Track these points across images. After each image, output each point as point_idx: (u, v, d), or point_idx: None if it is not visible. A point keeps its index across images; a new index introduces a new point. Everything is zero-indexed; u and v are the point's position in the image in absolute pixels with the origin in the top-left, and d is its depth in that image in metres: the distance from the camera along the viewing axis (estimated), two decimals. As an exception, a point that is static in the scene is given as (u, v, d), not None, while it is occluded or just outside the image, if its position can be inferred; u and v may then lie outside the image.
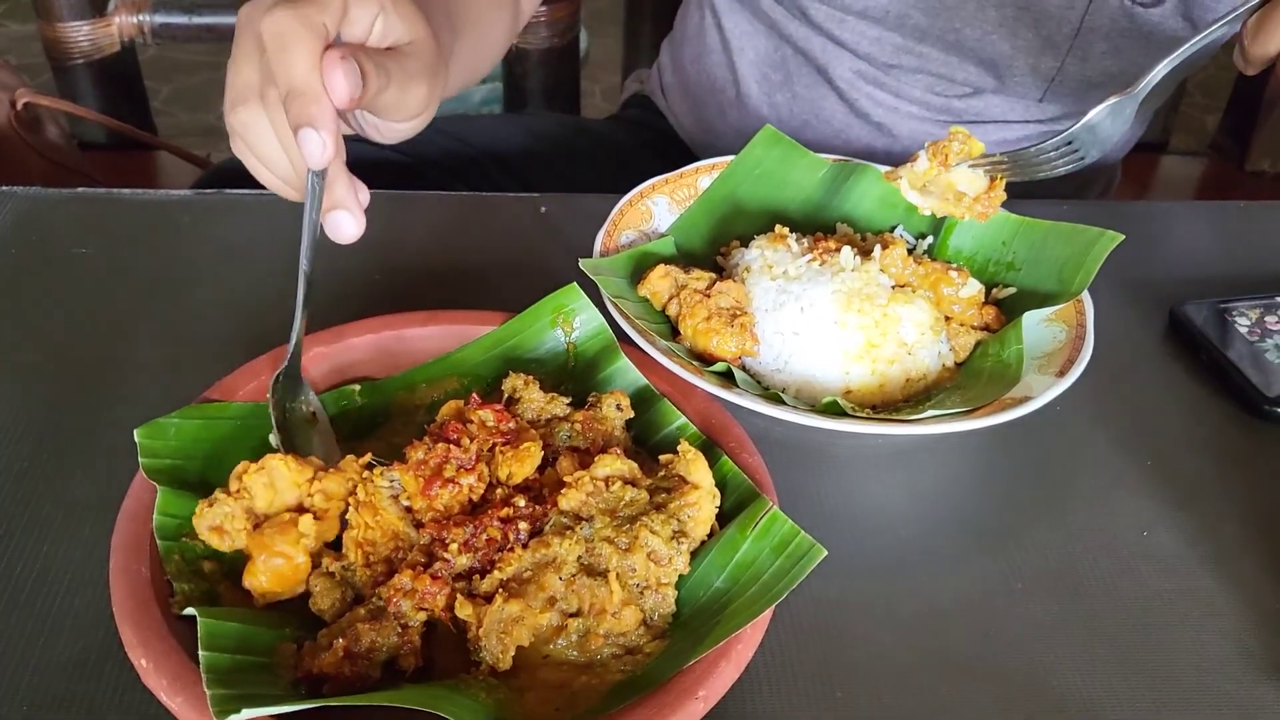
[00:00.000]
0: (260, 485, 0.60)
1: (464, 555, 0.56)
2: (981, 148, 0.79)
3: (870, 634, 0.64)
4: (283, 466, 0.60)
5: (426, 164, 1.20)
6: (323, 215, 0.64)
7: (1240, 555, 0.70)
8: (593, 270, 0.76)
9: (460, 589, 0.56)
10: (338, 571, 0.59)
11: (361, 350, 0.71)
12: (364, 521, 0.59)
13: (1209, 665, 0.63)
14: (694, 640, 0.56)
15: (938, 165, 0.78)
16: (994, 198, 0.78)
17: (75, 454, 0.71)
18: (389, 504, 0.59)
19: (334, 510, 0.60)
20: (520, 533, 0.58)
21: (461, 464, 0.59)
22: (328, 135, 0.60)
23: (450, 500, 0.59)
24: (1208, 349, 0.84)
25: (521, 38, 1.56)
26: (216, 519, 0.59)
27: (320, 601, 0.58)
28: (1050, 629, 0.65)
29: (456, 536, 0.56)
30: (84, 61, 1.56)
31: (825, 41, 1.11)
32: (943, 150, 0.78)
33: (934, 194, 0.78)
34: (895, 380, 0.75)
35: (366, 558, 0.59)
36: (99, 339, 0.81)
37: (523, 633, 0.55)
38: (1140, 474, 0.75)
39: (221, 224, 0.94)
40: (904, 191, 0.79)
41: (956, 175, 0.78)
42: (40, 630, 0.61)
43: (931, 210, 0.80)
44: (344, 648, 0.54)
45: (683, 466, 0.62)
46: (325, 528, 0.59)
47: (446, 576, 0.56)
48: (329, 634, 0.55)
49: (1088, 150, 0.74)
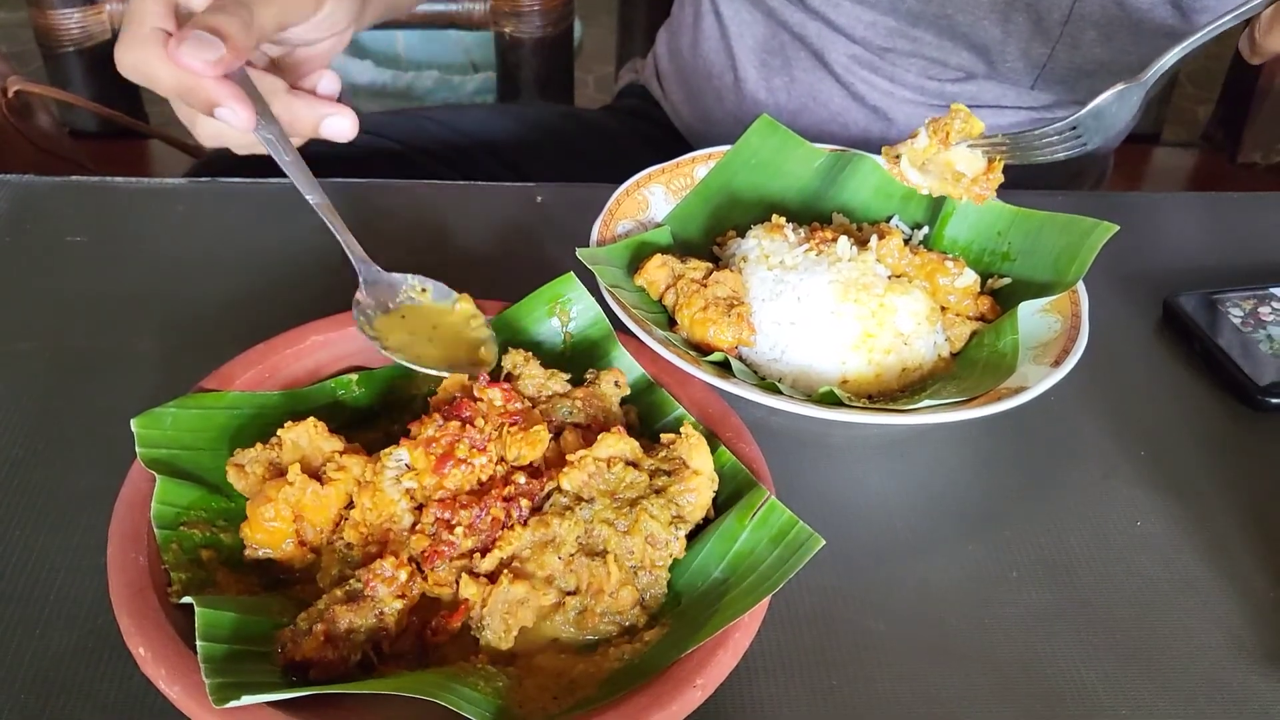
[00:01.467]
0: (290, 441, 0.62)
1: (469, 538, 0.57)
2: (981, 127, 0.79)
3: (865, 622, 0.64)
4: (316, 434, 0.62)
5: (419, 153, 1.20)
6: (317, 131, 0.70)
7: (1233, 545, 0.70)
8: (590, 260, 0.76)
9: (461, 567, 0.56)
10: (340, 550, 0.59)
11: (359, 339, 0.71)
12: (363, 502, 0.59)
13: (1202, 654, 0.63)
14: (692, 629, 0.56)
15: (938, 143, 0.78)
16: (992, 179, 0.78)
17: (71, 443, 0.71)
18: (389, 485, 0.59)
19: (343, 484, 0.60)
20: (521, 510, 0.58)
21: (475, 444, 0.59)
22: (236, 104, 0.63)
23: (462, 480, 0.59)
24: (1201, 339, 0.84)
25: (515, 27, 1.56)
26: (243, 458, 0.62)
27: (323, 578, 0.59)
28: (1045, 618, 0.65)
29: (463, 519, 0.57)
30: (75, 49, 1.55)
31: (821, 26, 1.11)
32: (944, 127, 0.78)
33: (932, 173, 0.78)
34: (891, 370, 0.75)
35: (363, 538, 0.59)
36: (94, 328, 0.80)
37: (527, 614, 0.55)
38: (1134, 464, 0.75)
39: (215, 212, 0.94)
40: (904, 168, 0.79)
41: (955, 155, 0.78)
42: (38, 619, 0.61)
43: (930, 190, 0.80)
44: (323, 632, 0.54)
45: (684, 449, 0.63)
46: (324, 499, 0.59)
47: (450, 556, 0.56)
48: (307, 618, 0.55)
49: (1090, 136, 0.75)
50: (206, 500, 0.61)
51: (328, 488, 0.60)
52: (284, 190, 0.96)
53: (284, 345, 0.69)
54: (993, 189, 0.78)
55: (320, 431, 0.62)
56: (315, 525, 0.60)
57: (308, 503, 0.59)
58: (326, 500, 0.59)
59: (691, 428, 0.63)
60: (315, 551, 0.60)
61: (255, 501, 0.59)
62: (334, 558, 0.59)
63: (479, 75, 2.03)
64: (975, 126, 0.79)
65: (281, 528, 0.59)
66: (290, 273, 0.87)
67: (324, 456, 0.62)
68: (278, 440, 0.62)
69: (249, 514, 0.59)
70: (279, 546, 0.59)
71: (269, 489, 0.59)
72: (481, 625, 0.55)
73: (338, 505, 0.60)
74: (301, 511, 0.59)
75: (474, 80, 2.01)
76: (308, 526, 0.59)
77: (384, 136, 1.19)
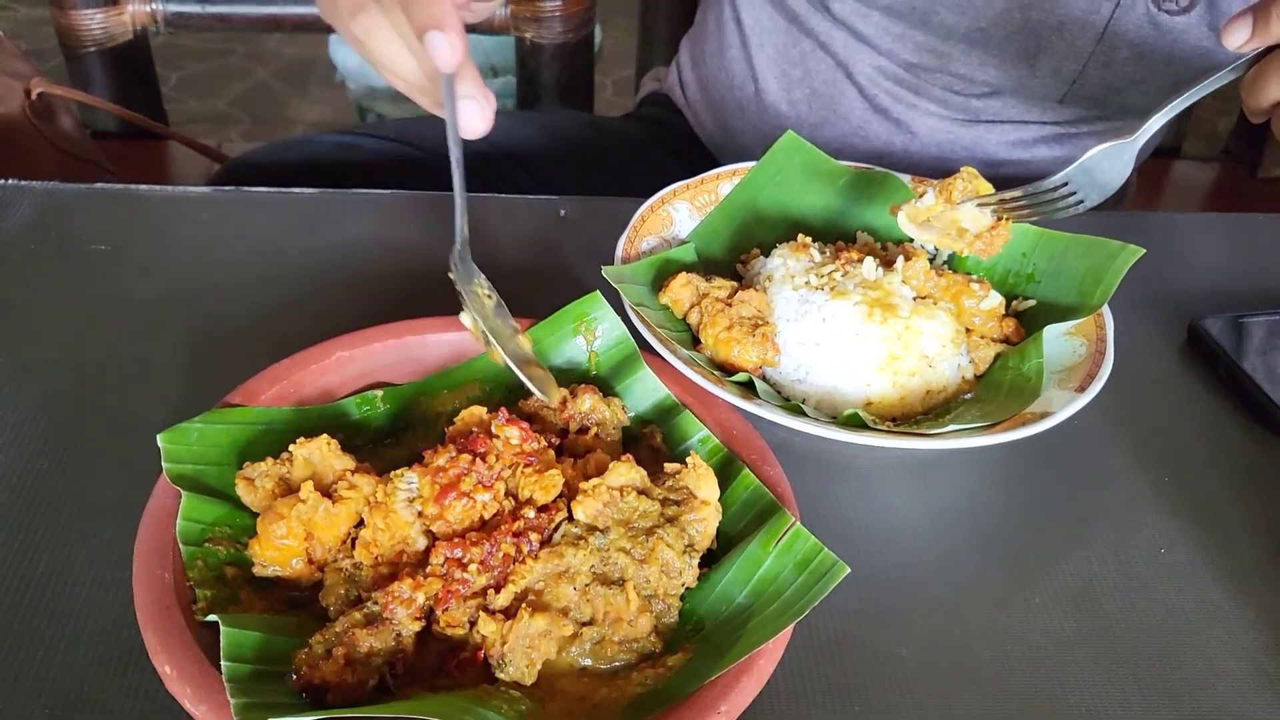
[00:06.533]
0: (302, 458, 0.62)
1: (483, 575, 0.56)
2: (988, 187, 0.79)
3: (888, 648, 0.64)
4: (328, 451, 0.62)
5: (441, 159, 1.19)
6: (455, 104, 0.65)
7: (1258, 574, 0.70)
8: (615, 278, 0.76)
9: (477, 604, 0.56)
10: (347, 569, 0.59)
11: (385, 355, 0.71)
12: (375, 523, 0.59)
13: (1225, 686, 0.63)
14: (716, 655, 0.56)
15: (943, 202, 0.78)
16: (996, 236, 0.77)
17: (96, 454, 0.71)
18: (402, 507, 0.59)
19: (354, 502, 0.60)
20: (532, 544, 0.58)
21: (481, 480, 0.59)
22: (454, 35, 0.59)
23: (462, 514, 0.58)
24: (1226, 364, 0.84)
25: (536, 32, 1.56)
26: (253, 472, 0.62)
27: (327, 596, 0.58)
28: (1068, 645, 0.65)
29: (474, 556, 0.56)
30: (96, 50, 1.56)
31: (847, 37, 1.11)
32: (948, 188, 0.78)
33: (937, 228, 0.78)
34: (916, 392, 0.75)
35: (375, 559, 0.59)
36: (119, 337, 0.81)
37: (550, 646, 0.55)
38: (1158, 490, 0.75)
39: (240, 222, 0.94)
40: (901, 225, 0.79)
41: (961, 212, 0.78)
42: (62, 633, 0.61)
43: (933, 245, 0.80)
44: (344, 655, 0.54)
45: (691, 479, 0.63)
46: (334, 517, 0.59)
47: (464, 595, 0.56)
48: (322, 640, 0.55)
49: (1087, 194, 0.74)
50: (231, 517, 0.61)
51: (338, 506, 0.59)
52: (308, 200, 0.97)
53: (308, 361, 0.69)
54: (998, 246, 0.77)
55: (333, 449, 0.62)
56: (325, 543, 0.59)
57: (319, 521, 0.59)
58: (337, 519, 0.59)
59: (699, 457, 0.63)
60: (322, 569, 0.60)
61: (267, 518, 0.59)
62: (339, 577, 0.59)
63: (499, 79, 2.03)
64: (981, 187, 0.78)
65: (293, 545, 0.59)
66: (314, 284, 0.87)
67: (335, 474, 0.61)
68: (289, 456, 0.62)
69: (260, 530, 0.59)
70: (288, 564, 0.59)
71: (281, 506, 0.59)
72: (504, 662, 0.54)
73: (348, 524, 0.60)
74: (313, 529, 0.59)
75: (494, 84, 2.01)
76: (317, 545, 0.59)
77: (408, 144, 1.19)
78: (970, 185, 0.79)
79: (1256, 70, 0.68)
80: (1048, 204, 0.76)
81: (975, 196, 0.79)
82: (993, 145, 1.14)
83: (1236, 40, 0.67)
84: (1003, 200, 0.78)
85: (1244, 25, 0.67)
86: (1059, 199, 0.75)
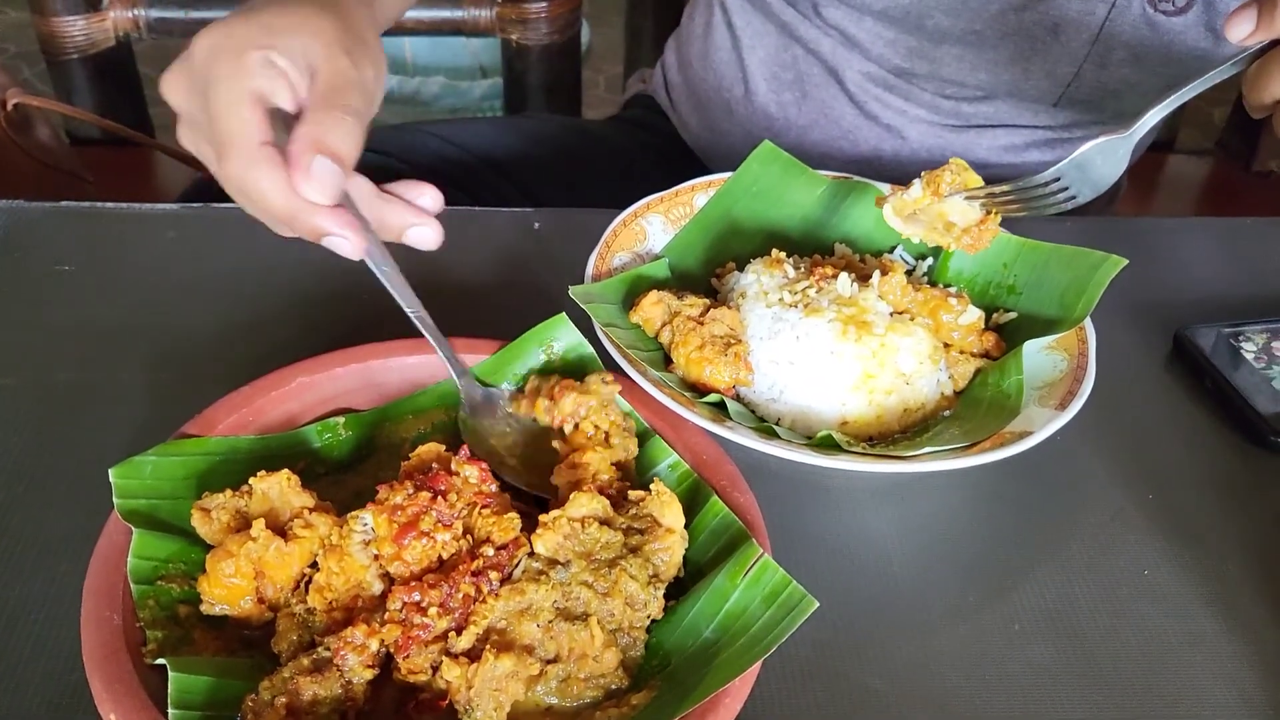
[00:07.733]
0: (261, 492, 0.60)
1: (443, 618, 0.54)
2: (978, 180, 0.77)
3: (864, 679, 0.62)
4: (288, 486, 0.60)
5: (421, 170, 1.18)
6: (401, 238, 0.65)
7: (1244, 596, 0.68)
8: (583, 298, 0.74)
9: (439, 649, 0.54)
10: (300, 614, 0.57)
11: (347, 380, 0.70)
12: (329, 566, 0.57)
13: (1211, 715, 0.61)
14: (682, 693, 0.54)
15: (930, 194, 0.76)
16: (985, 230, 0.76)
17: (53, 485, 0.70)
18: (358, 550, 0.57)
19: (309, 542, 0.58)
20: (492, 583, 0.56)
21: (441, 519, 0.57)
22: (349, 231, 0.59)
23: (421, 554, 0.57)
24: (1213, 375, 0.82)
25: (521, 34, 1.54)
26: (210, 503, 0.60)
27: (280, 642, 0.57)
28: (1048, 674, 0.63)
29: (433, 599, 0.54)
30: (79, 56, 1.54)
31: (836, 43, 1.09)
32: (936, 179, 0.76)
33: (923, 222, 0.76)
34: (893, 411, 0.73)
35: (329, 603, 0.57)
36: (80, 362, 0.79)
37: (517, 687, 0.53)
38: (1141, 507, 0.73)
39: (207, 240, 0.92)
40: (887, 218, 0.77)
41: (949, 205, 0.76)
42: (12, 673, 0.59)
43: (919, 238, 0.78)
44: (285, 705, 0.52)
45: (655, 507, 0.61)
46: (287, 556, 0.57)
47: (425, 640, 0.54)
48: (269, 687, 0.53)
49: (1079, 190, 0.72)
50: (185, 552, 0.60)
51: (291, 544, 0.58)
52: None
53: (269, 388, 0.68)
54: (986, 241, 0.76)
55: (293, 485, 0.60)
56: (276, 583, 0.58)
57: (270, 560, 0.57)
58: (289, 558, 0.57)
59: (662, 484, 0.62)
60: (274, 609, 0.58)
61: (215, 556, 0.57)
62: (292, 622, 0.57)
63: (486, 80, 2.01)
64: (970, 180, 0.77)
65: (241, 584, 0.57)
66: (280, 303, 0.85)
67: (293, 511, 0.59)
68: (249, 489, 0.60)
69: (208, 568, 0.57)
70: (237, 604, 0.57)
71: (231, 543, 0.57)
72: (471, 707, 0.52)
73: (301, 564, 0.58)
74: (263, 568, 0.57)
75: (481, 85, 1.99)
76: (268, 584, 0.57)
77: (385, 154, 1.17)
78: (959, 177, 0.78)
79: (1259, 65, 0.66)
80: (1039, 199, 0.74)
81: (964, 189, 0.77)
82: (984, 150, 1.12)
83: (1240, 34, 0.66)
84: (992, 194, 0.76)
85: (1247, 18, 0.65)
86: (1050, 194, 0.74)
